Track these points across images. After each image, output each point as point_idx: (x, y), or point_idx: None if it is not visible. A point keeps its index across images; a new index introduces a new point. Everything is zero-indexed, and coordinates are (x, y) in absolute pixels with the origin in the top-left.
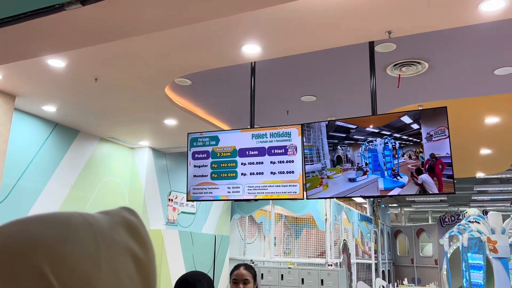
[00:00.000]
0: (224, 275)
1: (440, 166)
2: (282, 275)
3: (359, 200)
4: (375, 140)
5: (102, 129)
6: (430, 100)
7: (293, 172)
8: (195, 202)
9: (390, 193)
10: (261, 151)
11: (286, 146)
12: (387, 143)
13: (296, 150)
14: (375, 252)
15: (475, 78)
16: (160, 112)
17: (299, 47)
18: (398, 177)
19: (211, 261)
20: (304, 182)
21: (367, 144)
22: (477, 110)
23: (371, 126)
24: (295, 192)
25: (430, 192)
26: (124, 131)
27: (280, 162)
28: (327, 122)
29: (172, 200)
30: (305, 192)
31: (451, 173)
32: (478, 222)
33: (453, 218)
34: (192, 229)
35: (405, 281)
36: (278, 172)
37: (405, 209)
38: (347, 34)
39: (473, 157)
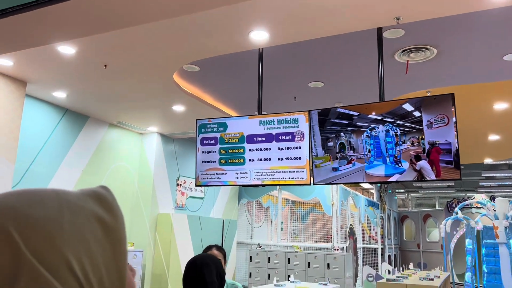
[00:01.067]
0: (232, 258)
1: (438, 153)
2: (288, 259)
3: (366, 186)
4: (377, 127)
5: (112, 115)
6: (438, 86)
7: (300, 158)
8: (203, 187)
9: (390, 179)
10: (269, 138)
11: (293, 132)
12: (389, 130)
13: (303, 136)
14: (382, 237)
15: (484, 64)
16: (168, 98)
17: (307, 33)
18: (399, 164)
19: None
20: (311, 168)
21: (369, 131)
22: (485, 96)
23: (374, 113)
24: (302, 178)
25: (428, 179)
26: (133, 116)
27: (288, 148)
28: (319, 110)
29: (180, 185)
30: (312, 178)
31: (451, 159)
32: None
33: (459, 204)
34: (201, 213)
35: (411, 266)
36: (286, 158)
37: (412, 194)
38: (355, 20)
39: (482, 143)
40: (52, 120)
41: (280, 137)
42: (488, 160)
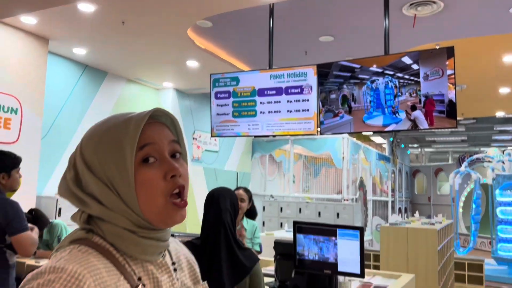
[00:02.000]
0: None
1: (431, 104)
2: (300, 209)
3: (379, 140)
4: (378, 80)
5: (129, 71)
6: (446, 39)
7: (308, 110)
8: (218, 140)
9: (387, 129)
10: (279, 91)
11: (302, 85)
12: (388, 82)
13: (311, 89)
14: (392, 190)
15: (490, 16)
16: (183, 53)
17: None
18: (397, 114)
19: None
20: (318, 120)
21: (370, 84)
22: (494, 48)
23: (375, 66)
24: (310, 129)
25: (421, 127)
26: (149, 72)
27: (296, 101)
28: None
29: (196, 138)
30: (319, 129)
31: (443, 109)
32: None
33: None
34: (216, 166)
35: (416, 214)
36: (294, 110)
37: (425, 149)
38: None
39: (492, 96)
40: (73, 76)
41: (289, 90)
42: (500, 113)
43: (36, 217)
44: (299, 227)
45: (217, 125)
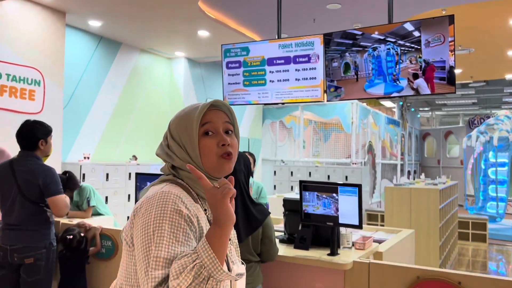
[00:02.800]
0: (257, 173)
1: (432, 70)
2: (310, 172)
3: (389, 105)
4: (380, 47)
5: (142, 41)
6: (453, 4)
7: (315, 78)
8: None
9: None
10: (287, 60)
11: (309, 54)
12: (390, 49)
13: (318, 58)
14: (402, 153)
15: None
16: (194, 24)
17: None
18: (398, 82)
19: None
20: (325, 87)
21: (371, 51)
22: (501, 12)
23: (377, 33)
24: (317, 96)
25: (423, 93)
26: (162, 42)
27: (304, 69)
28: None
29: None
30: (325, 95)
31: (444, 76)
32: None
33: (482, 121)
34: None
35: (422, 176)
36: (302, 78)
37: (436, 112)
38: None
39: (501, 59)
40: (90, 48)
41: (297, 59)
42: (509, 76)
43: (69, 178)
44: (305, 185)
45: (229, 94)
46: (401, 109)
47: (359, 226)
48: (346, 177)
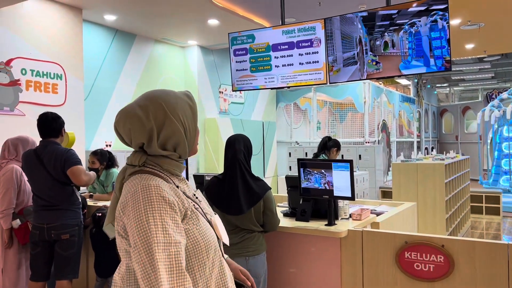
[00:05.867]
0: (272, 155)
1: None
2: None
3: (404, 82)
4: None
5: (155, 32)
6: None
7: (318, 61)
8: (243, 93)
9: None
10: (291, 45)
11: (311, 39)
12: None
13: (320, 42)
14: (418, 131)
15: None
16: (204, 13)
17: None
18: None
19: (260, 144)
20: (328, 70)
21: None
22: None
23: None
24: (320, 79)
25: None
26: (174, 31)
27: (307, 54)
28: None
29: (222, 92)
30: (328, 78)
31: None
32: None
33: (499, 95)
34: (242, 117)
35: (434, 152)
36: (306, 62)
37: (454, 88)
38: None
39: None
40: (106, 41)
41: (300, 44)
42: None
43: (100, 153)
44: (303, 163)
45: (237, 80)
46: (416, 86)
47: (352, 198)
48: (360, 156)
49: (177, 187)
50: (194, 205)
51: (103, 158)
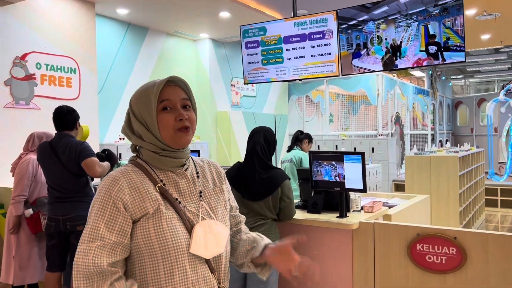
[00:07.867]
0: (284, 149)
1: None
2: (336, 146)
3: (418, 74)
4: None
5: (167, 25)
6: None
7: (330, 53)
8: (254, 86)
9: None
10: (302, 37)
11: (323, 31)
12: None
13: (332, 34)
14: (433, 123)
15: None
16: (215, 6)
17: None
18: None
19: None
20: (340, 62)
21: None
22: None
23: None
24: (332, 71)
25: None
26: (186, 25)
27: (319, 46)
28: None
29: (234, 85)
30: (340, 70)
31: None
32: None
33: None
34: (254, 110)
35: (448, 144)
36: (317, 54)
37: (470, 80)
38: None
39: None
40: (119, 35)
41: (312, 36)
42: None
43: (108, 155)
44: (314, 155)
45: (249, 73)
46: (430, 78)
47: (364, 190)
48: (373, 148)
49: (161, 181)
50: (165, 205)
51: (110, 162)
